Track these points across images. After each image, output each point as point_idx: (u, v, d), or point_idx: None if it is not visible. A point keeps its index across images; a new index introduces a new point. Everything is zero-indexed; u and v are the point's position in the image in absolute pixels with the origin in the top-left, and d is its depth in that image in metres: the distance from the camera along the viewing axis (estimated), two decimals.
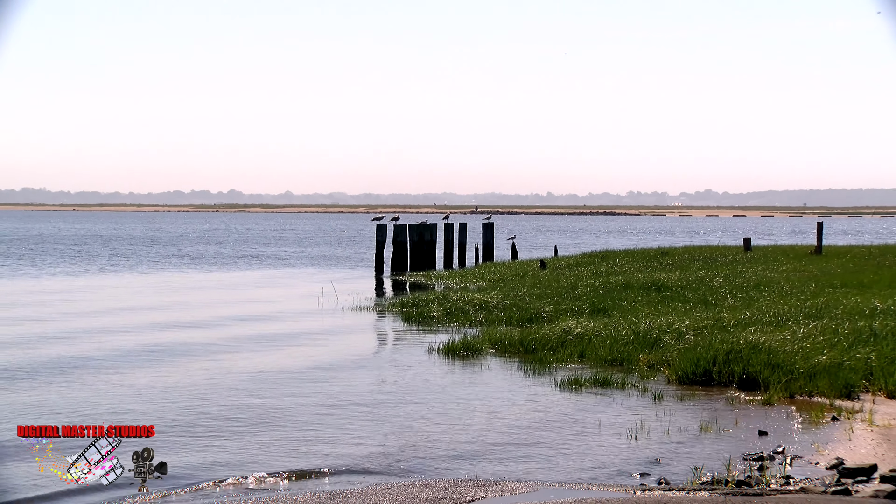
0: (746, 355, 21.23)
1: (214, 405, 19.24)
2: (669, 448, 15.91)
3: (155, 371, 23.05)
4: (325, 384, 21.62)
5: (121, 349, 26.40)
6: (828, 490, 13.22)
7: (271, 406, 19.19)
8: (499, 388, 21.21)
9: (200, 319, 34.32)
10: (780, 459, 15.05)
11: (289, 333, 30.61)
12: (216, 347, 27.22)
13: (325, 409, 18.94)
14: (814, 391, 19.41)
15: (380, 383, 22.01)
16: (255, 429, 17.23)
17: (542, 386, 21.20)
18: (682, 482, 13.95)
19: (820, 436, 16.41)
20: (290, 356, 25.79)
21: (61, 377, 21.88)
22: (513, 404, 19.40)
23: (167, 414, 18.22)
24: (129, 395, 20.00)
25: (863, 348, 21.34)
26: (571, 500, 12.72)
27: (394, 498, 12.98)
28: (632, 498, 12.92)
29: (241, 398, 19.92)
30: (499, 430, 17.31)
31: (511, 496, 13.18)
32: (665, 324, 25.70)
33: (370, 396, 20.40)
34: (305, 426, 17.50)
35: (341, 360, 25.32)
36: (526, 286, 38.81)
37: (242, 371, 23.19)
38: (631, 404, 19.22)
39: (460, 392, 20.78)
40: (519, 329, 27.87)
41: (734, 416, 18.07)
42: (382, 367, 24.36)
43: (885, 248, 51.70)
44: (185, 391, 20.54)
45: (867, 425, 16.91)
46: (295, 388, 21.06)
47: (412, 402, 19.75)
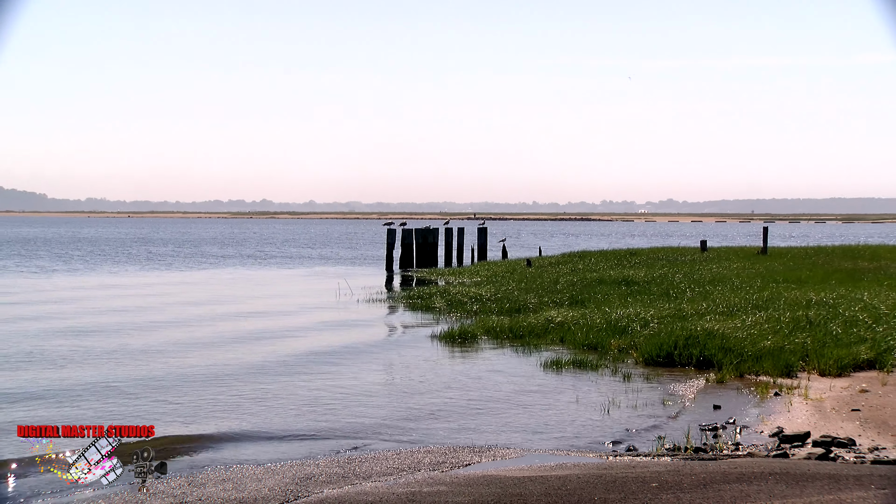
0: (703, 340, 21.28)
1: (250, 376, 19.34)
2: (637, 420, 15.95)
3: (212, 353, 23.10)
4: (343, 366, 21.60)
5: (177, 340, 26.44)
6: (770, 454, 13.28)
7: (299, 381, 19.21)
8: (491, 368, 21.23)
9: (246, 311, 34.33)
10: (731, 429, 15.09)
11: (311, 322, 30.53)
12: (255, 334, 27.24)
13: (342, 387, 18.95)
14: (760, 371, 19.46)
15: (389, 364, 22.03)
16: (286, 399, 17.29)
17: (528, 367, 21.22)
18: (648, 449, 14.00)
19: (764, 409, 16.46)
20: (313, 341, 25.75)
21: (130, 360, 21.94)
22: (503, 383, 19.41)
23: (225, 381, 18.30)
24: (206, 371, 20.09)
25: (800, 334, 21.41)
26: (554, 465, 12.74)
27: (402, 462, 13.02)
28: (605, 463, 12.95)
29: (274, 373, 19.96)
30: (491, 404, 17.33)
31: (502, 461, 13.21)
32: (633, 314, 25.73)
33: (381, 376, 20.44)
34: (326, 399, 17.52)
35: (357, 344, 25.28)
36: (514, 281, 38.83)
37: (274, 352, 23.23)
38: (604, 382, 19.25)
39: (458, 372, 20.79)
40: (508, 318, 27.86)
41: (692, 392, 18.10)
42: (392, 351, 24.36)
43: (819, 250, 51.68)
44: (235, 367, 20.62)
45: (803, 399, 16.96)
46: (318, 368, 21.06)
47: (417, 380, 19.79)
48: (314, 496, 11.10)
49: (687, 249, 56.10)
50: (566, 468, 12.29)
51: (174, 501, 10.97)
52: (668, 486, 10.64)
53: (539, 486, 10.87)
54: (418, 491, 10.91)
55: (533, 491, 10.62)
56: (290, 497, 11.07)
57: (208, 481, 12.04)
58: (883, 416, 15.45)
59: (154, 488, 11.69)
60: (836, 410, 15.97)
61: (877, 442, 13.91)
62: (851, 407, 16.10)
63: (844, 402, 16.57)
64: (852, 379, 18.53)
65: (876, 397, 16.81)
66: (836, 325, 22.15)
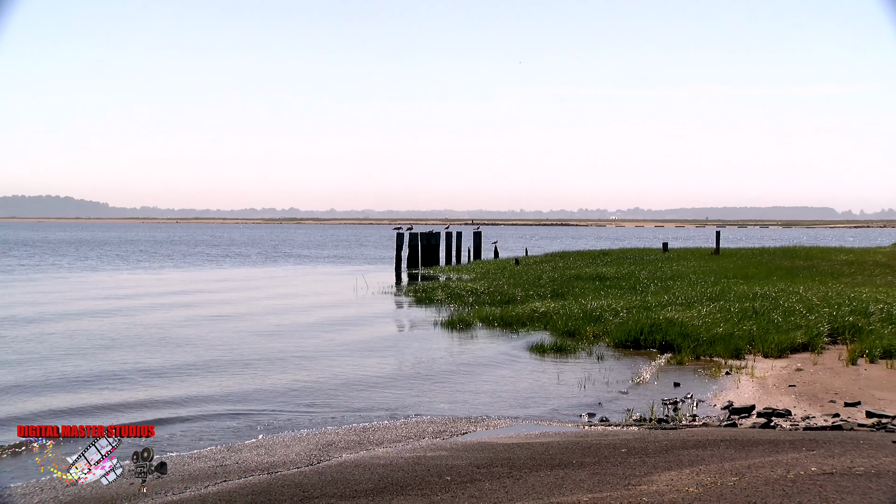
0: (665, 328, 21.28)
1: (281, 352, 19.39)
2: (609, 395, 15.94)
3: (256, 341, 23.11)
4: (359, 349, 21.60)
5: (224, 330, 26.44)
6: (721, 424, 13.28)
7: (322, 365, 19.21)
8: (484, 352, 21.22)
9: (282, 306, 34.35)
10: (688, 403, 15.09)
11: (332, 314, 30.55)
12: (286, 326, 27.27)
13: (358, 367, 18.96)
14: (713, 353, 19.46)
15: (399, 348, 21.98)
16: (311, 378, 17.29)
17: (516, 350, 21.21)
18: (619, 420, 14.00)
19: (717, 386, 16.46)
20: (334, 328, 25.77)
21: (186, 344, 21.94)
22: (494, 364, 19.41)
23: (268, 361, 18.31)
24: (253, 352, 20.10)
25: (747, 322, 21.41)
26: (538, 433, 12.74)
27: (409, 431, 13.02)
28: (582, 431, 12.95)
29: (300, 357, 19.95)
30: (484, 382, 17.32)
31: (494, 430, 13.21)
32: (605, 305, 25.73)
33: (391, 358, 20.39)
34: (342, 377, 17.52)
35: (371, 330, 25.30)
36: (504, 278, 38.82)
37: (301, 344, 23.24)
38: (580, 363, 19.25)
39: (457, 354, 20.78)
40: (500, 308, 27.85)
41: (656, 372, 18.10)
42: (400, 337, 24.38)
43: (763, 251, 51.68)
44: (275, 352, 20.65)
45: (749, 377, 16.96)
46: (338, 352, 21.05)
47: (422, 361, 19.77)
48: (334, 460, 11.10)
49: (651, 250, 56.12)
50: (548, 436, 12.30)
51: (215, 464, 10.97)
52: (635, 451, 10.65)
53: (525, 452, 10.87)
54: (423, 455, 10.91)
55: (520, 455, 10.63)
56: (313, 461, 11.07)
57: (244, 448, 12.05)
58: (814, 390, 15.47)
59: (198, 455, 11.70)
60: (776, 386, 15.98)
61: (808, 412, 13.95)
62: (789, 383, 16.11)
63: (783, 379, 16.58)
64: (790, 360, 18.53)
65: (808, 375, 16.83)
66: (777, 315, 22.15)
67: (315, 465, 10.75)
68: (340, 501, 8.66)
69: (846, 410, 14.00)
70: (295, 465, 10.78)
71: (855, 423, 13.02)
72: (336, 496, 8.87)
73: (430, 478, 9.49)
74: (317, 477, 9.82)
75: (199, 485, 9.83)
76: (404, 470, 9.98)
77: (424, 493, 8.84)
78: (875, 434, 11.98)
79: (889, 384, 15.77)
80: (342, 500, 8.69)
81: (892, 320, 20.59)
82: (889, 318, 20.80)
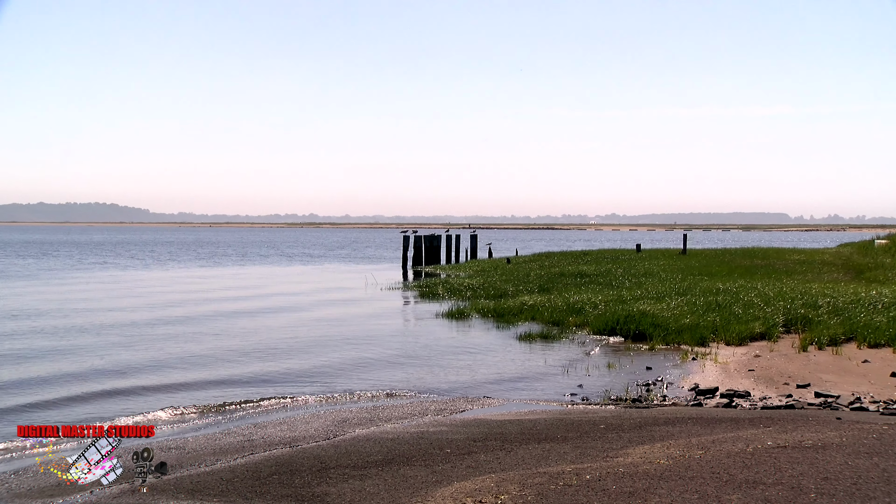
0: (638, 318, 21.26)
1: (300, 340, 19.37)
2: (589, 378, 15.92)
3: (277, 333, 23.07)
4: (371, 337, 21.58)
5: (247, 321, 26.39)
6: (689, 404, 13.26)
7: (336, 351, 19.20)
8: (480, 339, 21.20)
9: (301, 301, 34.29)
10: (659, 385, 15.06)
11: (345, 308, 30.56)
12: (302, 311, 27.25)
13: (369, 354, 18.95)
14: (681, 341, 19.43)
15: (404, 337, 21.98)
16: (327, 363, 17.29)
17: (507, 339, 21.19)
18: (598, 399, 13.98)
19: (685, 370, 16.43)
20: (346, 321, 25.77)
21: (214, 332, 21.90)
22: (489, 350, 19.39)
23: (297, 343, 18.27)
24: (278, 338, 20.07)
25: (711, 314, 21.37)
26: (527, 411, 12.73)
27: (414, 409, 13.01)
28: (566, 409, 12.94)
29: (318, 345, 19.94)
30: (480, 366, 17.29)
31: (489, 408, 13.19)
32: (586, 298, 25.70)
33: (399, 345, 20.37)
34: (355, 361, 17.52)
35: (380, 321, 25.30)
36: (497, 275, 38.78)
37: (321, 333, 23.22)
38: (564, 350, 19.22)
39: (456, 342, 20.76)
40: (493, 302, 27.83)
41: (630, 357, 18.08)
42: (406, 327, 24.37)
43: (725, 251, 51.58)
44: (297, 341, 20.63)
45: (714, 363, 16.94)
46: (351, 340, 21.03)
47: (425, 346, 19.75)
48: (349, 434, 11.09)
49: (626, 251, 56.03)
50: (536, 413, 12.29)
51: (243, 439, 10.97)
52: (612, 427, 10.64)
53: (516, 427, 10.86)
54: (426, 430, 10.91)
55: (511, 430, 10.62)
56: (330, 435, 11.06)
57: (268, 424, 12.03)
58: (770, 374, 15.45)
59: (227, 430, 11.68)
60: (737, 371, 15.95)
61: (765, 393, 13.93)
62: (748, 368, 16.09)
63: (743, 364, 16.55)
64: (749, 347, 18.50)
65: (765, 360, 16.80)
66: (737, 307, 22.11)
67: (332, 440, 10.74)
68: (354, 471, 8.65)
69: (798, 391, 13.99)
70: (314, 440, 10.77)
71: (805, 402, 13.01)
72: (350, 466, 8.86)
73: (432, 450, 9.48)
74: (333, 450, 9.82)
75: (230, 457, 9.83)
76: (410, 443, 9.97)
77: (427, 463, 8.84)
78: (822, 412, 12.00)
79: (835, 368, 15.76)
80: (356, 470, 8.69)
81: (838, 312, 20.56)
82: (835, 311, 20.78)
